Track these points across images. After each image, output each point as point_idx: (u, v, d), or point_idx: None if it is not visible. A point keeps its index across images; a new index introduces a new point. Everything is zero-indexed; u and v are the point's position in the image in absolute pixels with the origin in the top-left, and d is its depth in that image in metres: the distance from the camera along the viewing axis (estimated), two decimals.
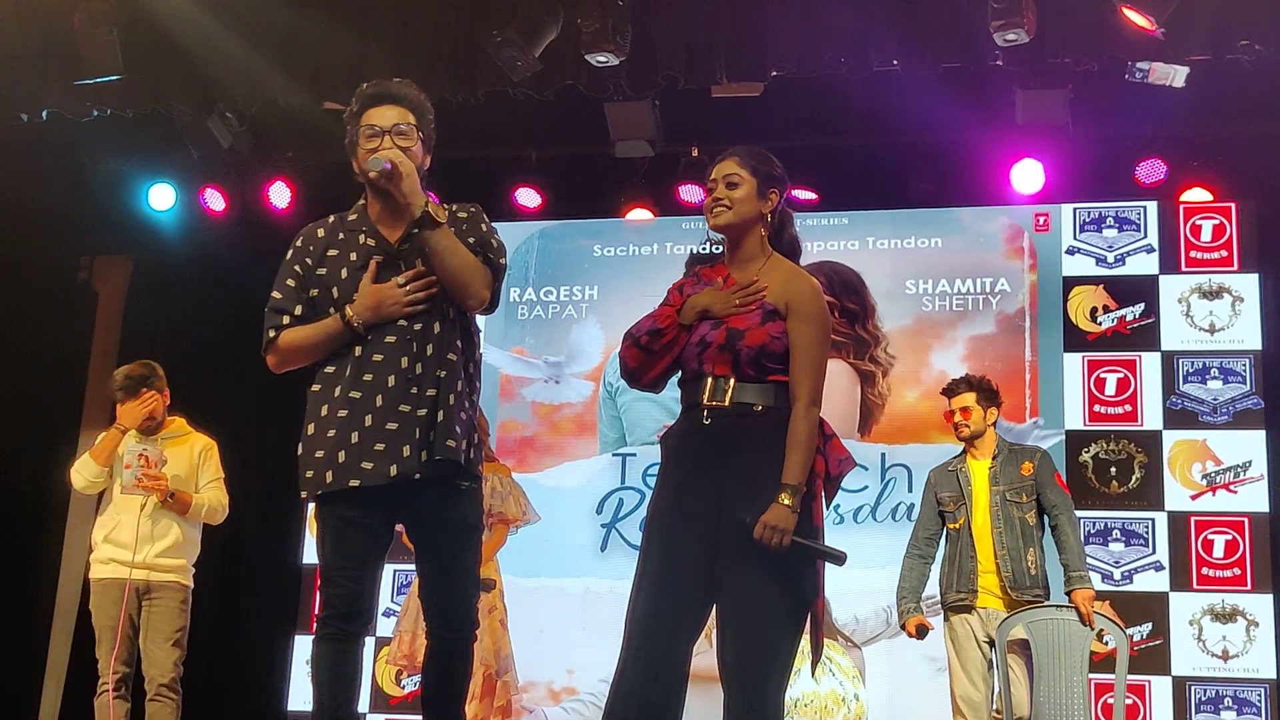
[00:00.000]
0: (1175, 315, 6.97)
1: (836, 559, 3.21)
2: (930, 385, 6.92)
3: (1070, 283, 7.11)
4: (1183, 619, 6.64)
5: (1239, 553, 6.64)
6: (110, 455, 5.36)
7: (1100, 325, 7.04)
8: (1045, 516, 5.34)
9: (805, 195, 7.13)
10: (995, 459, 5.40)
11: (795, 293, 3.30)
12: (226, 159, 7.36)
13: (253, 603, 7.58)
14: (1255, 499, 6.70)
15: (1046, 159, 7.01)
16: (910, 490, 6.89)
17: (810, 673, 3.50)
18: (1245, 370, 6.84)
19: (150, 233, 7.92)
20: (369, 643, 4.40)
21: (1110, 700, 5.42)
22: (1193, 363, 6.89)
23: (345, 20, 6.18)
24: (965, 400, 5.46)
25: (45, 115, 6.49)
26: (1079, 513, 5.68)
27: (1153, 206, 7.11)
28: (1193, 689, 6.57)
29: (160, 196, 7.79)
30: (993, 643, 5.21)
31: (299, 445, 3.32)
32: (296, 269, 3.38)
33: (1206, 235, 7.03)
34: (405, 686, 7.18)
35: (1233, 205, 7.01)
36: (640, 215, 7.57)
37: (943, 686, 5.42)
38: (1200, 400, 6.85)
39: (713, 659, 3.20)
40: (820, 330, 3.29)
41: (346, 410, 3.25)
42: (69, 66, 6.23)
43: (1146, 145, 6.97)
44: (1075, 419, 6.94)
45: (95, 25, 6.05)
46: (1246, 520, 6.68)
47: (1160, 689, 6.60)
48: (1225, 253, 7.00)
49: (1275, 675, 6.51)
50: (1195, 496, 6.77)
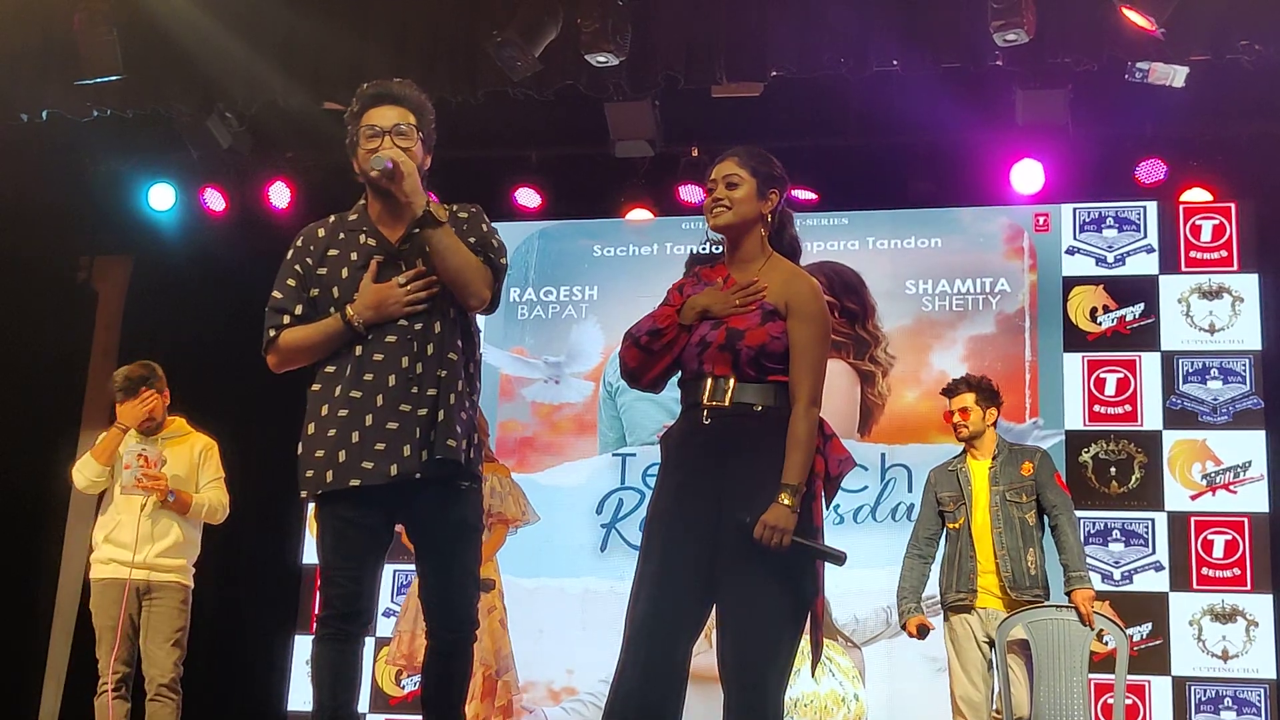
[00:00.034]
0: (1175, 315, 6.97)
1: (836, 559, 3.21)
2: (930, 385, 6.91)
3: (1070, 283, 7.11)
4: (1182, 619, 6.64)
5: (1239, 553, 6.64)
6: (111, 455, 5.36)
7: (1100, 325, 7.04)
8: (1045, 517, 5.34)
9: (805, 195, 7.12)
10: (995, 459, 5.41)
11: (795, 293, 3.30)
12: (226, 159, 7.36)
13: (253, 603, 7.58)
14: (1255, 499, 6.70)
15: (1046, 159, 7.01)
16: (910, 490, 6.88)
17: (810, 673, 3.50)
18: (1245, 370, 6.84)
19: (150, 233, 7.91)
20: (369, 643, 4.41)
21: (1110, 700, 5.41)
22: (1193, 363, 6.89)
23: (345, 20, 6.19)
24: (964, 401, 5.46)
25: (45, 115, 6.49)
26: (1079, 513, 5.69)
27: (1153, 206, 7.11)
28: (1192, 689, 6.57)
29: (160, 196, 7.78)
30: (992, 643, 5.21)
31: (299, 445, 3.32)
32: (297, 269, 3.38)
33: (1206, 235, 7.03)
34: (405, 686, 7.18)
35: (1233, 205, 7.01)
36: (640, 215, 7.57)
37: (943, 686, 5.42)
38: (1200, 400, 6.85)
39: (713, 659, 3.20)
40: (820, 330, 3.29)
41: (347, 410, 3.25)
42: (69, 66, 6.23)
43: (1146, 145, 6.97)
44: (1075, 419, 6.94)
45: (95, 25, 6.05)
46: (1246, 520, 6.68)
47: (1160, 689, 6.60)
48: (1225, 253, 7.00)
49: (1275, 675, 6.51)
50: (1195, 497, 6.77)
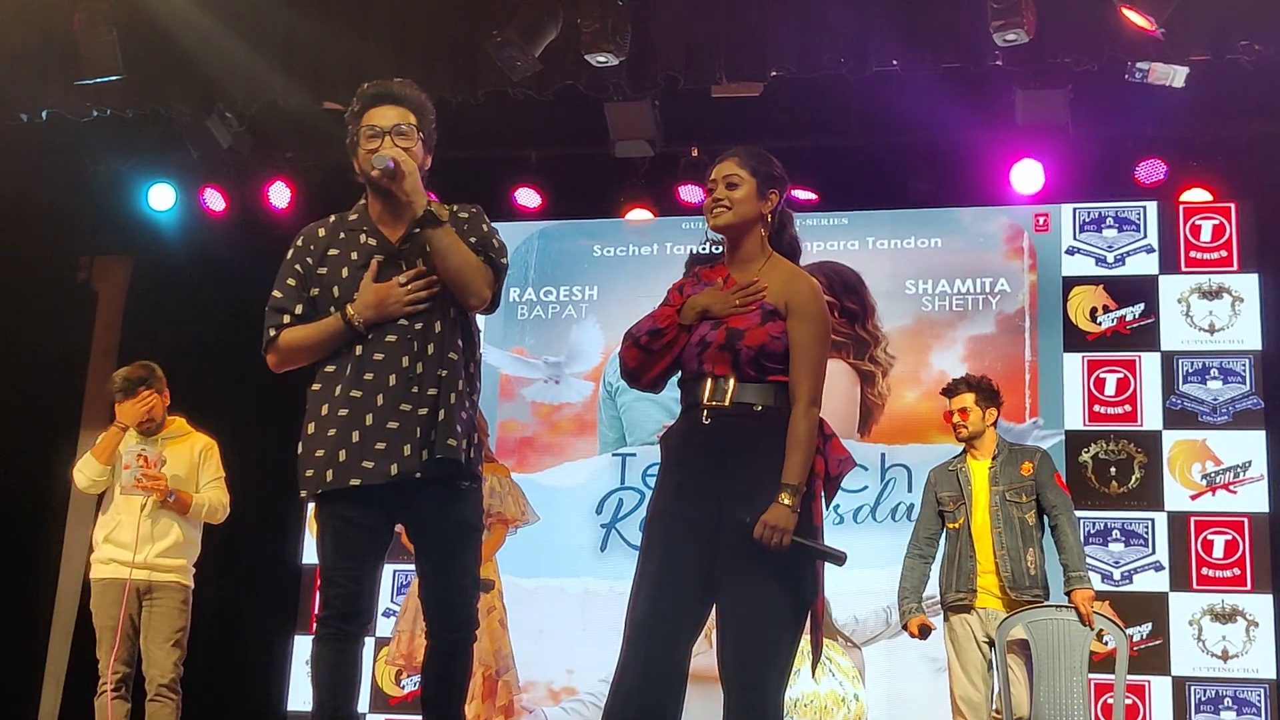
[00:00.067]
0: (1175, 315, 6.97)
1: (836, 559, 3.21)
2: (930, 385, 6.91)
3: (1070, 283, 7.11)
4: (1182, 619, 6.64)
5: (1239, 553, 6.64)
6: (111, 453, 5.36)
7: (1100, 325, 7.04)
8: (1045, 517, 5.34)
9: (805, 195, 7.12)
10: (995, 459, 5.40)
11: (795, 293, 3.30)
12: (226, 159, 7.36)
13: (252, 603, 7.58)
14: (1255, 499, 6.70)
15: (1046, 159, 7.01)
16: (910, 490, 6.88)
17: (810, 673, 3.50)
18: (1245, 370, 6.84)
19: (150, 233, 7.92)
20: (369, 643, 4.41)
21: (1110, 700, 5.42)
22: (1192, 363, 6.89)
23: (345, 20, 6.19)
24: (964, 401, 5.46)
25: (45, 115, 6.49)
26: (1079, 513, 5.69)
27: (1152, 206, 7.10)
28: (1192, 689, 6.57)
29: (160, 196, 7.79)
30: (992, 643, 5.21)
31: (299, 444, 3.32)
32: (297, 268, 3.38)
33: (1206, 235, 7.03)
34: (405, 686, 7.18)
35: (1232, 205, 7.01)
36: (640, 215, 7.57)
37: (943, 686, 5.42)
38: (1200, 400, 6.85)
39: (713, 659, 3.20)
40: (820, 330, 3.29)
41: (347, 409, 3.24)
42: (69, 66, 6.23)
43: (1146, 145, 6.98)
44: (1075, 419, 6.94)
45: (95, 25, 6.05)
46: (1246, 520, 6.68)
47: (1160, 689, 6.60)
48: (1225, 253, 7.00)
49: (1275, 675, 6.51)
50: (1195, 497, 6.77)
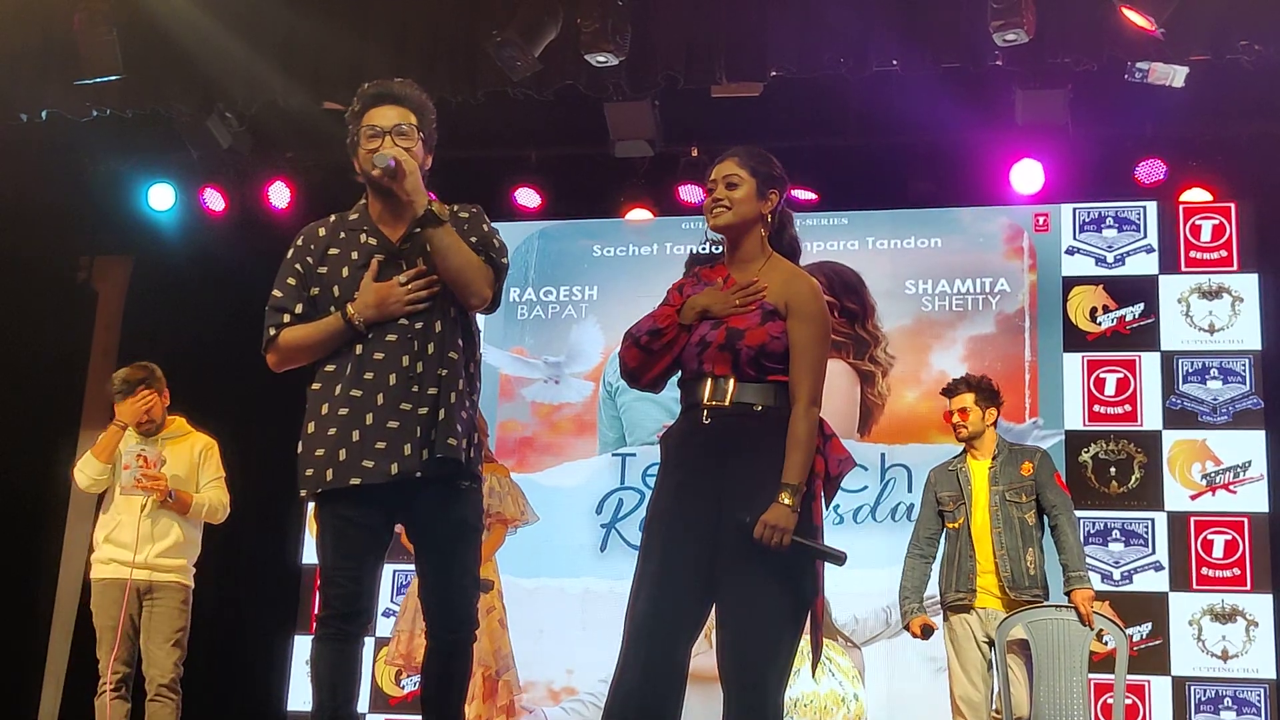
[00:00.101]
0: (1175, 315, 6.97)
1: (836, 559, 3.21)
2: (930, 385, 6.91)
3: (1070, 283, 7.11)
4: (1182, 619, 6.64)
5: (1238, 553, 6.64)
6: (111, 452, 5.36)
7: (1100, 325, 7.04)
8: (1045, 517, 5.34)
9: (805, 195, 7.12)
10: (995, 459, 5.40)
11: (795, 293, 3.30)
12: (226, 159, 7.36)
13: (252, 603, 7.58)
14: (1255, 499, 6.70)
15: (1046, 159, 7.01)
16: (910, 490, 6.88)
17: (810, 673, 3.50)
18: (1245, 370, 6.84)
19: (150, 233, 7.92)
20: (369, 643, 4.41)
21: (1110, 700, 5.42)
22: (1192, 363, 6.89)
23: (345, 20, 6.19)
24: (964, 401, 5.46)
25: (45, 115, 6.49)
26: (1079, 513, 5.69)
27: (1152, 206, 7.11)
28: (1192, 689, 6.57)
29: (160, 196, 7.79)
30: (992, 643, 5.21)
31: (299, 444, 3.32)
32: (297, 267, 3.38)
33: (1206, 235, 7.03)
34: (405, 686, 7.18)
35: (1232, 205, 7.01)
36: (640, 215, 7.57)
37: (942, 686, 5.42)
38: (1200, 400, 6.85)
39: (713, 659, 3.19)
40: (820, 330, 3.29)
41: (347, 409, 3.24)
42: (69, 66, 6.22)
43: (1146, 145, 6.98)
44: (1075, 419, 6.94)
45: (95, 25, 6.05)
46: (1246, 520, 6.68)
47: (1160, 689, 6.60)
48: (1225, 253, 7.00)
49: (1275, 675, 6.51)
50: (1195, 496, 6.77)
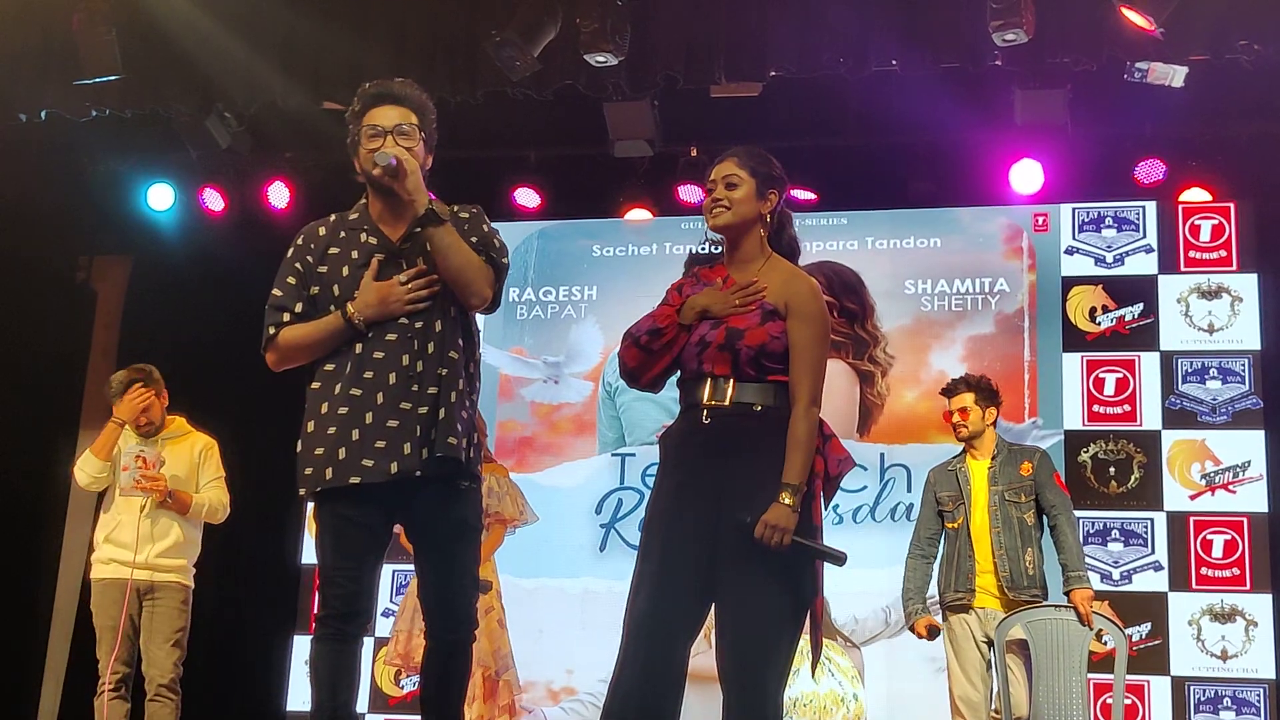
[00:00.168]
0: (1174, 315, 6.97)
1: (836, 559, 3.21)
2: (929, 385, 6.92)
3: (1069, 283, 7.11)
4: (1182, 619, 6.64)
5: (1238, 553, 6.64)
6: (109, 449, 5.37)
7: (1099, 325, 7.04)
8: (1044, 517, 5.34)
9: (805, 195, 7.12)
10: (994, 459, 5.40)
11: (794, 293, 3.30)
12: (225, 159, 7.37)
13: (253, 603, 7.58)
14: (1254, 499, 6.70)
15: (1045, 159, 7.01)
16: (909, 490, 6.89)
17: (810, 673, 3.50)
18: (1244, 370, 6.84)
19: (149, 233, 7.92)
20: (368, 643, 4.41)
21: (1109, 700, 5.42)
22: (1192, 363, 6.89)
23: (344, 21, 6.19)
24: (963, 401, 5.46)
25: (45, 115, 6.49)
26: (1078, 513, 5.69)
27: (1152, 206, 7.11)
28: (1192, 689, 6.57)
29: (159, 196, 7.79)
30: (991, 643, 5.21)
31: (298, 443, 3.32)
32: (297, 266, 3.38)
33: (1205, 235, 7.03)
34: (404, 686, 7.18)
35: (1232, 205, 7.01)
36: (639, 215, 7.57)
37: (942, 686, 5.42)
38: (1199, 400, 6.85)
39: (713, 659, 3.20)
40: (820, 330, 3.29)
41: (347, 408, 3.24)
42: (69, 66, 6.22)
43: (1145, 145, 6.98)
44: (1074, 419, 6.94)
45: (95, 25, 6.05)
46: (1245, 520, 6.68)
47: (1159, 689, 6.60)
48: (1224, 253, 7.00)
49: (1274, 675, 6.51)
50: (1194, 496, 6.77)
